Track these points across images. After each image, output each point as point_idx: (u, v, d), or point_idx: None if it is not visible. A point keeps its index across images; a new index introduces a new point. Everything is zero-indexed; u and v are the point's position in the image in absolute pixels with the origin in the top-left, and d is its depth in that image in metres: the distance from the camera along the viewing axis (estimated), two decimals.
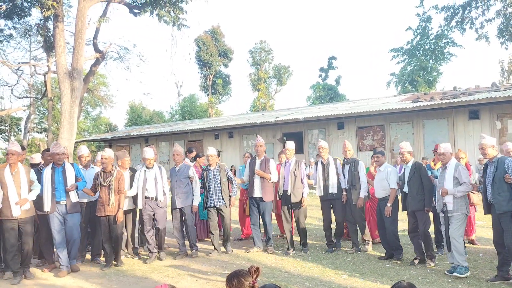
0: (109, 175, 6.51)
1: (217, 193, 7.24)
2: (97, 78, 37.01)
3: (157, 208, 6.93)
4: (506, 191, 5.29)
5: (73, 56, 15.42)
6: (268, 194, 7.37)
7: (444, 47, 35.62)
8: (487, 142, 5.54)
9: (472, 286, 5.28)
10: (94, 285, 5.68)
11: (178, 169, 7.24)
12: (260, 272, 2.83)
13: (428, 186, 6.32)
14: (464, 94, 16.99)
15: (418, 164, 6.50)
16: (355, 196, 7.13)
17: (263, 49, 43.47)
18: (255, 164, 7.50)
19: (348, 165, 7.27)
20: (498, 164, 5.39)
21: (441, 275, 5.75)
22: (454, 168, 5.84)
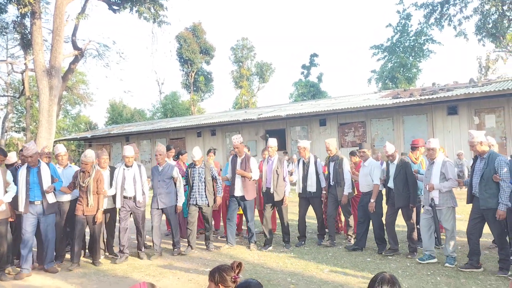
0: (87, 175, 6.40)
1: (200, 191, 7.18)
2: (76, 76, 36.40)
3: (136, 208, 6.82)
4: (493, 189, 5.40)
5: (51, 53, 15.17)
6: (250, 193, 7.33)
7: (423, 44, 36.19)
8: (475, 140, 5.60)
9: (451, 277, 5.38)
10: (73, 285, 5.60)
11: (162, 169, 7.11)
12: (243, 267, 2.84)
13: (413, 184, 6.48)
14: (443, 90, 17.28)
15: (404, 161, 6.63)
16: (340, 193, 7.21)
17: (245, 46, 43.37)
18: (237, 162, 7.46)
19: (333, 163, 7.34)
20: (489, 161, 5.47)
21: (420, 268, 5.84)
22: (442, 164, 5.98)
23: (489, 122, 15.44)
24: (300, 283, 5.36)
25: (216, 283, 2.78)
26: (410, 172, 6.51)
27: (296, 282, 5.41)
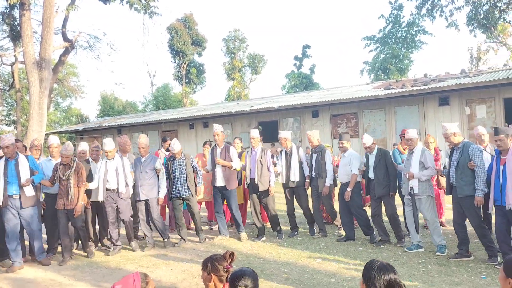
0: (67, 168, 6.25)
1: (182, 183, 7.09)
2: (67, 68, 36.08)
3: (119, 200, 6.73)
4: (468, 176, 5.52)
5: (41, 45, 15.00)
6: (231, 182, 7.30)
7: (415, 35, 36.30)
8: (448, 131, 5.75)
9: (442, 266, 5.44)
10: (66, 277, 5.59)
11: (144, 160, 7.03)
12: (235, 257, 2.85)
13: (393, 172, 6.59)
14: (434, 81, 17.36)
15: (383, 151, 6.74)
16: (322, 184, 7.22)
17: (237, 37, 43.16)
18: (216, 153, 7.39)
19: (315, 154, 7.36)
20: (463, 150, 5.61)
21: (412, 257, 5.91)
22: (421, 153, 6.10)
23: (480, 113, 15.56)
24: (293, 272, 5.40)
25: (208, 272, 2.80)
26: (389, 161, 6.65)
27: (289, 271, 5.44)
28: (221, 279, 2.80)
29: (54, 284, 5.34)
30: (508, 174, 5.03)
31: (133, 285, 2.30)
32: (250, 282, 2.39)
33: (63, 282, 5.40)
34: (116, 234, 6.80)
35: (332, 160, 7.42)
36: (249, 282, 2.39)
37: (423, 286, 4.69)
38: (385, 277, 2.19)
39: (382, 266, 2.24)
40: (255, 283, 2.41)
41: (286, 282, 5.03)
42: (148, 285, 2.36)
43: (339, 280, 5.03)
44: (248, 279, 2.40)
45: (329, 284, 4.91)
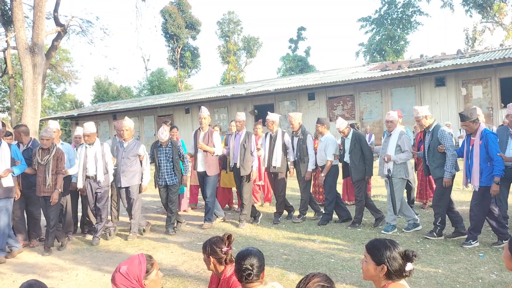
0: (47, 153, 5.97)
1: (168, 171, 6.90)
2: (60, 54, 35.68)
3: (98, 188, 6.45)
4: (438, 159, 5.69)
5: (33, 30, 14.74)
6: (212, 168, 7.11)
7: (411, 16, 36.05)
8: (419, 115, 5.85)
9: (440, 245, 5.50)
10: (67, 261, 5.61)
11: (127, 145, 6.70)
12: (233, 239, 2.90)
13: (369, 156, 6.65)
14: (431, 62, 17.32)
15: (358, 134, 6.79)
16: (303, 169, 7.19)
17: (231, 20, 42.73)
18: (199, 136, 7.20)
19: (297, 138, 7.27)
20: (433, 133, 5.76)
21: (410, 237, 5.97)
22: (398, 136, 6.18)
23: (476, 93, 15.57)
24: (293, 253, 5.44)
25: (207, 255, 2.88)
26: (365, 145, 6.68)
27: (288, 253, 5.49)
28: (220, 261, 2.85)
29: (55, 268, 5.37)
30: (474, 156, 5.22)
31: (139, 266, 2.31)
32: (256, 262, 2.40)
33: (64, 266, 5.43)
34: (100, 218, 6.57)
35: (313, 144, 7.30)
36: (255, 261, 2.40)
37: (422, 265, 4.74)
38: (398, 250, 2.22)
39: (382, 242, 2.27)
40: (260, 263, 2.43)
41: (286, 263, 5.08)
42: (153, 267, 2.36)
43: (338, 260, 5.08)
44: (254, 259, 2.41)
45: (328, 264, 4.96)
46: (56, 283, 4.82)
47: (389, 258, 2.17)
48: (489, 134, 5.15)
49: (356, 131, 6.94)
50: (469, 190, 5.89)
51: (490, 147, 5.08)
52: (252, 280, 2.37)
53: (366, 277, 2.29)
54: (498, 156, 5.04)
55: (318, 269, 4.79)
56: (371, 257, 2.23)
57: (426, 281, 4.27)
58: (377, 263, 2.20)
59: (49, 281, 4.90)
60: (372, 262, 2.22)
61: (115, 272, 2.30)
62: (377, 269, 2.20)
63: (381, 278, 2.21)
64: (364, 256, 2.29)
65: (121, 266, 2.30)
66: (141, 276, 2.27)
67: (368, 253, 2.26)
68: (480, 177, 5.18)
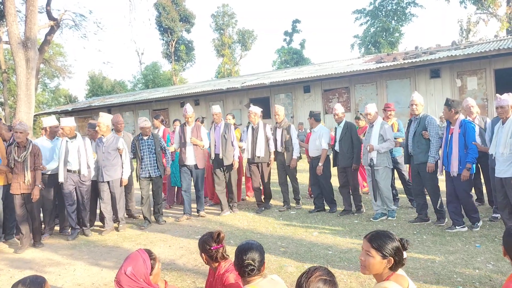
0: (23, 150, 5.88)
1: (152, 163, 6.98)
2: (53, 48, 35.38)
3: (80, 183, 6.46)
4: (423, 145, 5.97)
5: (26, 24, 14.58)
6: (201, 161, 7.35)
7: (405, 8, 35.99)
8: (417, 99, 6.10)
9: (436, 236, 5.53)
10: (64, 257, 5.59)
11: (106, 139, 6.74)
12: (222, 237, 2.90)
13: (357, 145, 6.89)
14: (426, 53, 17.31)
15: (350, 124, 7.02)
16: (289, 157, 7.47)
17: (226, 13, 42.53)
18: (186, 132, 7.35)
19: (280, 129, 7.55)
20: (420, 121, 6.03)
21: (407, 228, 5.99)
22: (380, 126, 6.46)
23: (471, 85, 15.60)
24: (290, 246, 5.45)
25: (200, 252, 2.95)
26: (355, 134, 6.92)
27: (286, 245, 5.50)
28: (212, 258, 2.86)
29: (52, 263, 5.35)
30: (453, 143, 5.56)
31: (144, 264, 2.29)
32: (257, 256, 2.37)
33: (61, 261, 5.41)
34: (75, 217, 6.56)
35: (296, 134, 7.68)
36: (256, 256, 2.37)
37: (419, 256, 4.77)
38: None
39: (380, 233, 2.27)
40: (261, 257, 2.40)
41: (284, 255, 5.09)
42: (156, 261, 2.35)
43: (336, 252, 5.10)
44: (255, 253, 2.39)
45: (326, 256, 4.97)
46: (53, 278, 4.81)
47: (395, 250, 2.16)
48: (468, 124, 5.54)
49: (349, 122, 7.13)
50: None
51: (468, 135, 5.45)
52: (254, 274, 2.35)
53: (369, 271, 2.22)
54: (473, 145, 5.43)
55: (316, 261, 4.80)
56: (376, 251, 2.18)
57: (424, 272, 4.30)
58: (383, 256, 2.16)
59: (46, 276, 4.84)
60: (378, 255, 2.17)
61: (120, 274, 2.26)
62: (383, 263, 2.16)
63: (385, 271, 2.19)
64: (366, 250, 2.22)
65: (125, 267, 2.27)
66: (148, 274, 2.26)
67: (372, 247, 2.19)
68: (459, 164, 5.52)
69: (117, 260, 5.25)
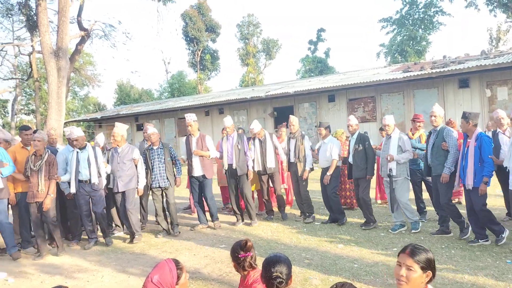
0: (39, 158, 5.97)
1: (161, 173, 6.95)
2: (83, 57, 36.36)
3: (93, 192, 6.44)
4: (442, 156, 5.95)
5: (58, 35, 15.10)
6: (209, 171, 7.31)
7: (433, 16, 35.47)
8: (437, 111, 6.13)
9: (465, 250, 5.40)
10: (92, 263, 5.71)
11: (121, 150, 6.72)
12: (249, 245, 2.88)
13: (371, 157, 6.84)
14: (454, 63, 16.99)
15: (363, 136, 7.02)
16: (301, 168, 7.42)
17: (251, 22, 42.85)
18: (192, 142, 7.31)
19: (294, 140, 7.52)
20: (439, 133, 6.03)
21: (434, 242, 5.87)
22: (398, 138, 6.50)
23: (501, 95, 15.22)
24: (315, 258, 5.42)
25: (231, 259, 2.95)
26: (368, 146, 6.89)
27: (310, 257, 5.46)
28: (240, 266, 2.87)
29: (81, 269, 5.47)
30: (469, 156, 5.51)
31: (170, 273, 2.33)
32: (285, 269, 2.35)
33: (89, 267, 5.53)
34: (91, 226, 6.60)
35: (309, 145, 7.62)
36: (284, 269, 2.35)
37: (447, 271, 4.66)
38: None
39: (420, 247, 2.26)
40: (289, 270, 2.38)
41: (308, 267, 5.06)
42: (182, 271, 2.39)
43: (361, 265, 5.03)
44: (283, 266, 2.36)
45: (351, 269, 4.92)
46: (82, 284, 4.92)
47: (433, 263, 2.19)
48: (484, 137, 5.47)
49: (362, 134, 7.12)
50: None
51: (484, 149, 5.37)
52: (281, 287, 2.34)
53: (410, 287, 2.19)
54: (489, 158, 5.35)
55: (341, 274, 4.76)
56: (418, 265, 2.16)
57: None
58: (423, 270, 2.17)
59: (75, 282, 5.02)
60: (420, 269, 2.16)
61: (147, 282, 2.31)
62: (423, 277, 2.17)
63: (422, 285, 2.18)
64: (408, 265, 2.19)
65: (152, 275, 2.31)
66: (173, 283, 2.30)
67: (415, 262, 2.17)
68: (474, 177, 5.45)
69: (144, 267, 5.33)
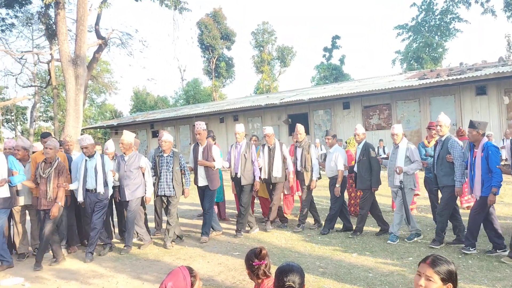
0: (49, 166, 5.94)
1: (168, 182, 6.75)
2: (101, 65, 36.98)
3: (97, 201, 6.32)
4: (446, 168, 5.95)
5: (76, 43, 15.36)
6: (213, 182, 7.06)
7: (449, 23, 35.20)
8: (443, 120, 6.05)
9: (483, 261, 5.30)
10: (107, 269, 5.76)
11: (128, 158, 6.64)
12: (263, 253, 2.86)
13: (376, 167, 6.77)
14: (471, 70, 16.80)
15: (368, 145, 6.92)
16: (307, 178, 7.36)
17: (265, 30, 43.07)
18: (198, 151, 7.14)
19: (301, 149, 7.48)
20: (444, 143, 6.00)
21: (451, 251, 5.78)
22: (406, 148, 6.42)
23: None
24: (329, 267, 5.38)
25: (246, 266, 2.94)
26: (373, 156, 6.80)
27: (325, 266, 5.43)
28: (254, 274, 2.86)
29: (96, 275, 5.52)
30: (476, 167, 5.49)
31: (184, 280, 2.35)
32: (298, 279, 2.33)
33: (104, 273, 5.58)
34: (104, 233, 6.58)
35: (316, 154, 7.59)
36: (296, 278, 2.33)
37: (464, 282, 4.58)
38: None
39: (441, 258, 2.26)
40: (302, 280, 2.36)
41: (323, 276, 5.02)
42: (196, 279, 2.40)
43: (376, 275, 4.98)
44: (296, 275, 2.34)
45: (366, 278, 4.87)
46: None
47: (454, 275, 2.17)
48: (490, 147, 5.42)
49: (368, 143, 7.00)
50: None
51: (491, 159, 5.34)
52: None
53: None
54: (497, 168, 5.31)
55: (356, 283, 4.71)
56: (438, 276, 2.15)
57: None
58: (444, 282, 2.15)
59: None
60: (440, 281, 2.15)
61: None
62: None
63: None
64: (428, 276, 2.18)
65: (166, 282, 2.34)
66: None
67: (435, 273, 2.16)
68: (481, 187, 5.42)
69: (158, 274, 5.36)
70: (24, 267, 6.03)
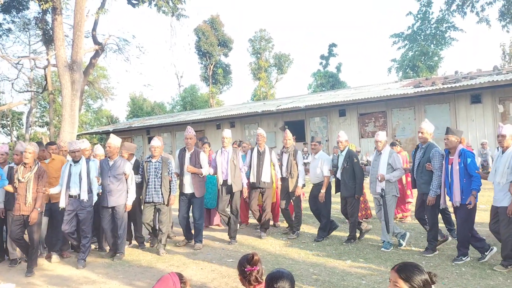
0: (28, 170, 5.79)
1: (156, 188, 6.57)
2: (97, 71, 36.96)
3: (80, 208, 6.14)
4: (426, 176, 5.98)
5: (73, 48, 15.35)
6: (199, 189, 6.93)
7: (445, 32, 35.42)
8: (425, 127, 6.09)
9: (476, 268, 5.31)
10: (100, 275, 5.73)
11: (113, 163, 6.42)
12: (255, 260, 2.84)
13: (359, 175, 6.78)
14: (466, 78, 16.92)
15: (352, 152, 6.94)
16: (292, 184, 7.32)
17: (263, 37, 43.22)
18: (185, 157, 6.99)
19: (287, 154, 7.43)
20: (426, 151, 6.01)
21: (444, 259, 5.78)
22: (388, 155, 6.40)
23: None
24: (323, 274, 5.37)
25: (238, 272, 2.89)
26: (356, 163, 6.81)
27: (318, 273, 5.42)
28: (246, 280, 2.85)
29: (88, 281, 5.49)
30: (454, 173, 5.53)
31: (173, 286, 2.34)
32: (288, 285, 2.33)
33: (96, 280, 5.54)
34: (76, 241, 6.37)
35: (302, 161, 7.54)
36: (286, 285, 2.33)
37: None
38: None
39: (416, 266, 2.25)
40: (292, 286, 2.37)
41: (315, 283, 5.01)
42: (186, 285, 2.40)
43: (369, 282, 4.98)
44: (286, 282, 2.35)
45: (359, 286, 4.86)
46: None
47: (423, 282, 2.16)
48: (467, 153, 5.54)
49: (351, 150, 7.02)
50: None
51: (469, 164, 5.43)
52: None
53: None
54: (476, 173, 5.41)
55: None
56: (404, 282, 2.18)
57: None
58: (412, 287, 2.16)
59: None
60: (405, 286, 2.18)
61: None
62: None
63: None
64: (394, 281, 2.23)
65: None
66: None
67: (400, 278, 2.20)
68: (461, 193, 5.48)
69: (150, 281, 5.33)
70: (16, 273, 5.98)
